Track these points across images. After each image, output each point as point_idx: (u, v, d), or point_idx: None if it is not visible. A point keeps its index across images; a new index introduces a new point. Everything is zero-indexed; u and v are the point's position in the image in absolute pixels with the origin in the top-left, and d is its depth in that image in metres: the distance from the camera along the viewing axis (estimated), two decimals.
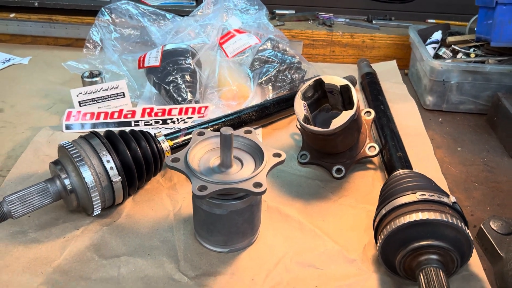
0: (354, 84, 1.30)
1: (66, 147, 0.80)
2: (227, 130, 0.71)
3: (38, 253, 0.77)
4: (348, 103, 0.92)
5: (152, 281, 0.73)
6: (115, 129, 0.89)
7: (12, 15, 1.50)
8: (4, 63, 1.40)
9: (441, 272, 0.67)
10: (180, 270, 0.75)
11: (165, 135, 0.93)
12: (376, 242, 0.75)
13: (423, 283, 0.66)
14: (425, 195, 0.72)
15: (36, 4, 1.48)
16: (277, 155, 0.76)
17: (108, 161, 0.80)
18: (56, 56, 1.48)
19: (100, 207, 0.81)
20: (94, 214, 0.82)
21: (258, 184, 0.70)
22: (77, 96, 1.11)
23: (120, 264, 0.76)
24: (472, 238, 0.70)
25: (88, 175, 0.78)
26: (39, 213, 0.84)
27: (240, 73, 1.20)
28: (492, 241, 0.81)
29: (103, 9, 1.26)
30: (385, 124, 1.03)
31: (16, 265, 0.75)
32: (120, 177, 0.80)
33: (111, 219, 0.85)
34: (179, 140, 0.94)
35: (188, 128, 0.97)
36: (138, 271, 0.75)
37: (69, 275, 0.74)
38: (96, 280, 0.73)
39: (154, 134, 0.92)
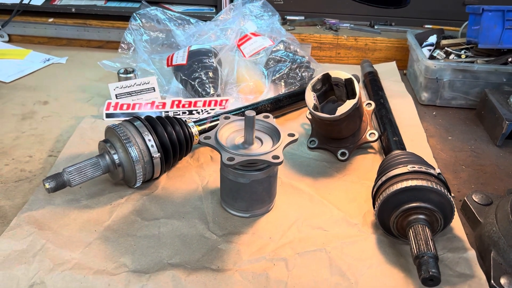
0: (357, 82, 1.45)
1: (115, 128, 0.95)
2: (250, 113, 0.86)
3: (90, 216, 0.92)
4: (351, 94, 1.06)
5: (187, 238, 0.88)
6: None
7: (50, 19, 1.68)
8: (44, 62, 1.57)
9: (426, 228, 0.81)
10: (210, 230, 0.90)
11: (194, 122, 1.09)
12: (374, 208, 0.89)
13: (412, 237, 0.80)
14: (414, 167, 0.87)
15: (73, 10, 1.66)
16: (291, 135, 0.91)
17: (149, 140, 0.95)
18: (90, 56, 1.65)
19: (142, 179, 0.96)
20: (136, 185, 0.97)
21: (276, 157, 0.84)
22: (114, 90, 1.27)
23: (159, 225, 0.91)
24: (453, 202, 0.84)
25: (133, 151, 0.93)
26: (88, 185, 0.99)
27: (256, 71, 1.35)
28: (474, 210, 0.96)
29: (134, 15, 1.42)
30: (384, 114, 1.18)
31: (74, 225, 0.90)
32: (159, 154, 0.96)
33: (149, 190, 1.00)
34: (206, 126, 1.09)
35: (213, 117, 1.12)
36: (175, 230, 0.90)
37: (118, 233, 0.89)
38: (141, 236, 0.88)
39: (185, 120, 1.07)
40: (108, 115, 1.22)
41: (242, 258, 0.84)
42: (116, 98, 1.27)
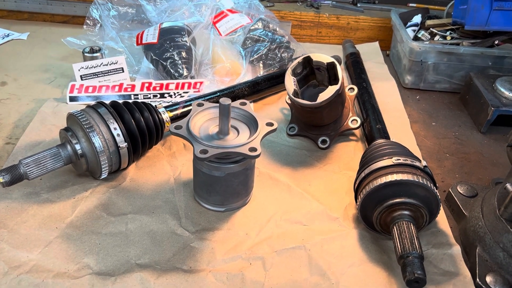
0: (339, 63, 1.39)
1: (76, 115, 0.87)
2: (225, 101, 0.79)
3: (51, 211, 0.85)
4: (333, 79, 1.00)
5: (157, 235, 0.82)
6: (119, 100, 0.96)
7: None
8: (3, 38, 1.45)
9: (411, 225, 0.76)
10: (182, 226, 0.84)
11: (165, 107, 1.01)
12: (356, 202, 0.84)
13: (396, 234, 0.76)
14: (399, 159, 0.82)
15: None
16: (270, 124, 0.84)
17: (115, 129, 0.87)
18: (54, 32, 1.53)
19: (107, 170, 0.89)
20: (102, 177, 0.90)
21: (253, 149, 0.78)
22: (79, 70, 1.17)
23: (127, 220, 0.84)
24: (439, 197, 0.80)
25: (97, 141, 0.85)
26: (49, 176, 0.92)
27: (233, 51, 1.27)
28: (458, 203, 0.92)
29: None
30: (366, 100, 1.12)
31: (33, 221, 0.82)
32: (126, 143, 0.88)
33: (116, 182, 0.93)
34: (178, 112, 1.02)
35: (186, 102, 1.05)
36: (144, 226, 0.83)
37: (81, 230, 0.82)
38: (106, 234, 0.81)
39: (155, 105, 0.99)
40: (72, 99, 1.13)
41: (216, 257, 0.78)
42: (81, 80, 1.17)
